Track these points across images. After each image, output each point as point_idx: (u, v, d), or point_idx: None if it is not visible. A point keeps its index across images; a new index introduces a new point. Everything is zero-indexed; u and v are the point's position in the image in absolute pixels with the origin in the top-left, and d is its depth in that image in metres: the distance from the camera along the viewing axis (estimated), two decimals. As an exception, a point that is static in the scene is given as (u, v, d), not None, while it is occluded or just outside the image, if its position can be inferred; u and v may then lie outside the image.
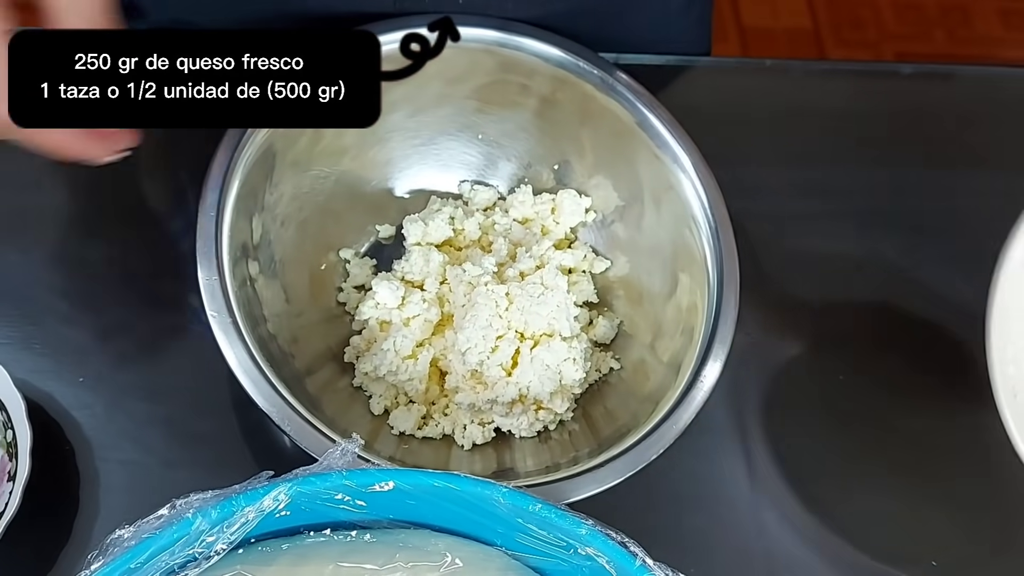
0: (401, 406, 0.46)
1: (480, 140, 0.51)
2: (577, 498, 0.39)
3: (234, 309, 0.39)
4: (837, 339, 0.53)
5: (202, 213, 0.41)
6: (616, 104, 0.48)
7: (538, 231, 0.51)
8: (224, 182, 0.42)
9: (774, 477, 0.49)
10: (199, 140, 0.43)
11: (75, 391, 0.46)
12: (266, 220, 0.45)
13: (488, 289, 0.45)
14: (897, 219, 0.57)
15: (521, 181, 0.52)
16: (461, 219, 0.50)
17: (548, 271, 0.47)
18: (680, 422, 0.41)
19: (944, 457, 0.51)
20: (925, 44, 1.46)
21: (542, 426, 0.46)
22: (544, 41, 0.47)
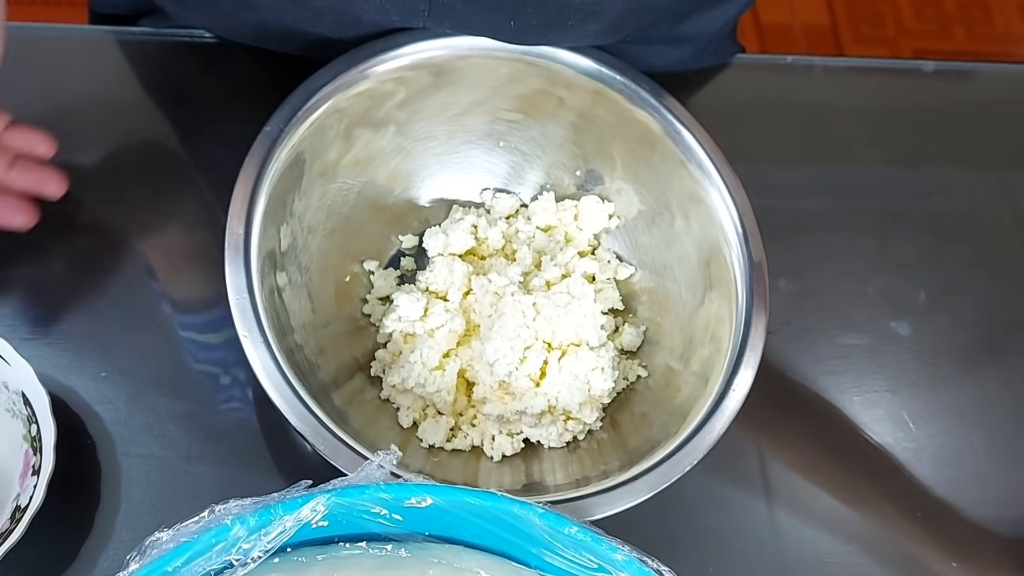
0: (429, 418, 0.47)
1: (501, 148, 0.52)
2: (610, 513, 0.39)
3: (265, 328, 0.40)
4: (855, 337, 0.54)
5: (230, 227, 0.41)
6: (645, 114, 0.48)
7: (561, 238, 0.51)
8: (253, 191, 0.42)
9: (788, 481, 0.50)
10: (230, 141, 0.44)
11: (97, 386, 0.47)
12: (295, 229, 0.45)
13: (515, 299, 0.46)
14: (918, 217, 0.58)
15: (543, 188, 0.52)
16: (484, 228, 0.51)
17: (574, 280, 0.48)
18: (712, 433, 0.41)
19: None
20: (944, 41, 1.46)
21: (571, 436, 0.47)
22: (581, 54, 0.48)
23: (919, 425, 0.53)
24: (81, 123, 0.53)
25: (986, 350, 0.56)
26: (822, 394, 0.52)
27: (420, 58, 0.46)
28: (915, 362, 0.55)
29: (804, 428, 0.52)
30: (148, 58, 0.54)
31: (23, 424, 0.43)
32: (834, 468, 0.51)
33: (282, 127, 0.43)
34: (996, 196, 0.60)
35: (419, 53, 0.46)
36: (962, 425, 0.53)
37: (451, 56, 0.47)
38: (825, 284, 0.55)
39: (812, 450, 0.52)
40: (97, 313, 0.48)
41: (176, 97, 0.54)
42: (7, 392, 0.43)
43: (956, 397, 0.54)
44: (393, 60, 0.46)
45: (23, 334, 0.47)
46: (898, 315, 0.55)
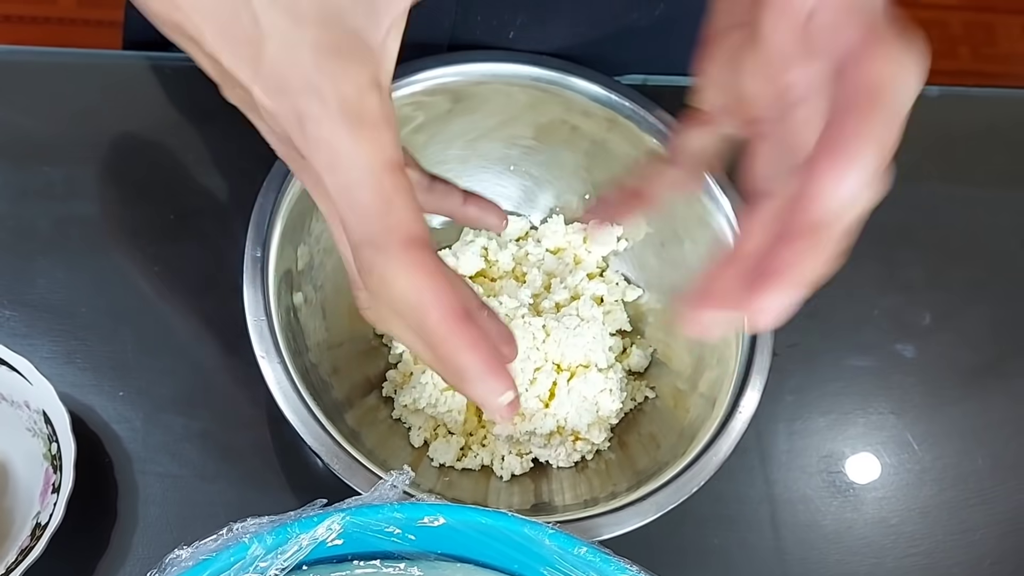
0: (440, 438, 0.48)
1: (512, 172, 0.53)
2: (618, 533, 0.40)
3: (281, 348, 0.41)
4: (860, 359, 0.55)
5: (248, 250, 0.42)
6: (655, 141, 0.49)
7: (570, 260, 0.52)
8: (271, 214, 0.43)
9: (793, 501, 0.51)
10: (246, 162, 0.45)
11: (115, 405, 0.48)
12: (312, 249, 0.46)
13: (525, 322, 0.47)
14: (923, 240, 0.59)
15: (553, 211, 0.54)
16: (495, 251, 0.52)
17: (583, 303, 0.49)
18: (719, 454, 0.42)
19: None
20: (949, 61, 1.47)
21: (579, 456, 0.48)
22: (594, 81, 0.49)
23: (924, 446, 0.54)
24: (109, 146, 0.54)
25: (990, 372, 0.57)
26: (827, 415, 0.54)
27: (438, 83, 0.48)
28: (920, 384, 0.55)
29: (810, 448, 0.53)
30: (180, 82, 0.56)
31: (44, 442, 0.44)
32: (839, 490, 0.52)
33: None
34: (1000, 218, 0.61)
35: (438, 79, 0.48)
36: (966, 446, 0.54)
37: (469, 82, 0.48)
38: (830, 306, 0.56)
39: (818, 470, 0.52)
40: (115, 333, 0.50)
41: (205, 119, 0.55)
42: (28, 411, 0.44)
43: (960, 418, 0.55)
44: (412, 85, 0.47)
45: (43, 353, 0.48)
46: (903, 337, 0.56)
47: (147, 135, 0.55)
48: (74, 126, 0.54)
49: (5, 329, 0.49)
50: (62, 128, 0.54)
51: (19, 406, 0.44)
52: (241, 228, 0.44)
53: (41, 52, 0.57)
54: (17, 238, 0.51)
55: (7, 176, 0.53)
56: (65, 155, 0.53)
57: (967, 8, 1.51)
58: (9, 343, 0.44)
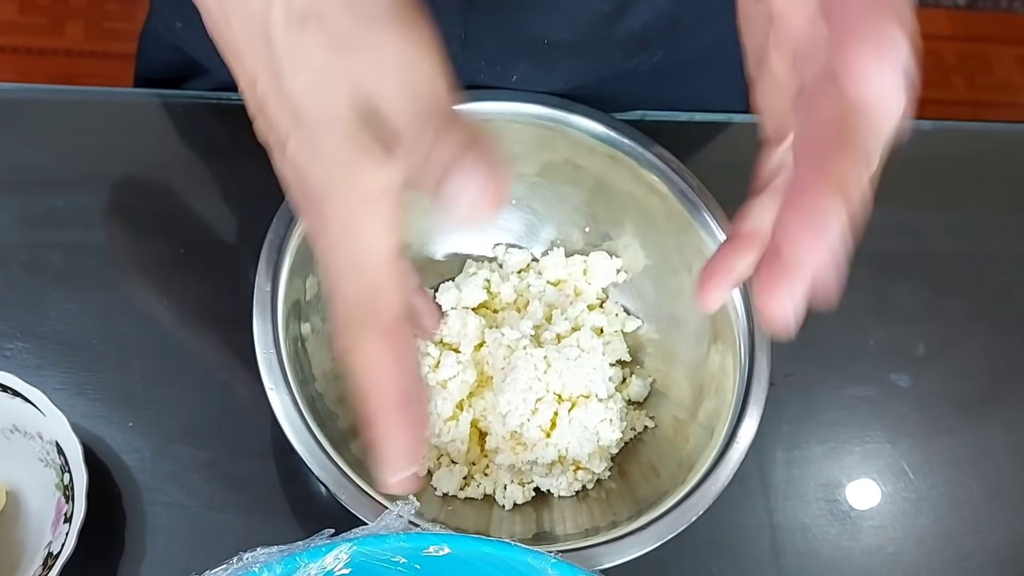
0: (443, 467, 0.49)
1: (514, 205, 0.54)
2: (619, 561, 0.41)
3: (289, 379, 0.42)
4: (856, 388, 0.56)
5: (258, 284, 0.43)
6: (653, 176, 0.50)
7: (571, 292, 0.54)
8: (280, 248, 0.44)
9: (793, 529, 0.51)
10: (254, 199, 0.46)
11: (125, 435, 0.49)
12: (321, 280, 0.47)
13: (527, 353, 0.48)
14: (917, 271, 0.60)
15: (554, 244, 0.55)
16: (497, 283, 0.53)
17: (584, 334, 0.50)
18: (718, 483, 0.43)
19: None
20: (944, 90, 1.49)
21: (580, 485, 0.49)
22: (595, 119, 0.50)
23: (920, 475, 0.54)
24: (121, 181, 0.55)
25: (985, 401, 0.58)
26: (824, 444, 0.54)
27: None
28: (915, 413, 0.56)
29: (808, 477, 0.53)
30: (190, 119, 0.57)
31: (56, 473, 0.44)
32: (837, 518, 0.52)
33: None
34: (993, 250, 0.62)
35: None
36: (962, 474, 0.54)
37: (476, 120, 0.49)
38: (826, 336, 0.57)
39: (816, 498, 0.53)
40: (126, 364, 0.51)
41: (215, 156, 0.56)
42: (41, 442, 0.45)
43: (956, 447, 0.55)
44: None
45: (55, 384, 0.49)
46: (898, 367, 0.57)
47: (158, 171, 0.56)
48: (87, 161, 0.56)
49: (17, 360, 0.50)
50: (75, 163, 0.56)
51: (32, 437, 0.45)
52: (248, 262, 0.45)
53: (56, 90, 0.59)
54: (30, 271, 0.52)
55: (21, 210, 0.54)
56: (77, 189, 0.55)
57: (961, 39, 1.53)
58: (21, 374, 0.45)
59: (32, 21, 1.35)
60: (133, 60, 0.66)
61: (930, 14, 1.53)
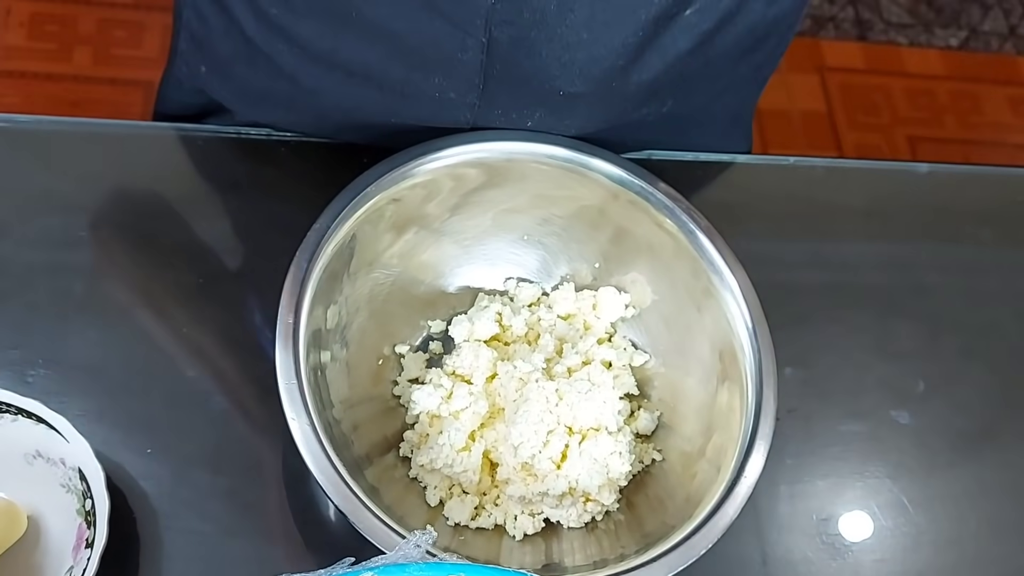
0: (455, 497, 0.49)
1: (525, 241, 0.56)
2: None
3: (310, 408, 0.43)
4: (857, 424, 0.57)
5: (281, 316, 0.44)
6: (662, 216, 0.52)
7: (580, 326, 0.55)
8: (303, 281, 0.45)
9: (796, 560, 0.52)
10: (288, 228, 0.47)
11: (144, 462, 0.50)
12: (340, 310, 0.48)
13: (539, 385, 0.49)
14: (915, 311, 0.61)
15: (564, 279, 0.56)
16: (508, 316, 0.54)
17: (594, 368, 0.51)
18: (726, 517, 0.44)
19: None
20: (936, 128, 1.52)
21: (590, 517, 0.49)
22: (612, 163, 0.52)
23: (919, 510, 0.55)
24: (141, 212, 0.57)
25: (982, 437, 0.59)
26: (826, 479, 0.55)
27: (473, 158, 0.51)
28: (914, 449, 0.57)
29: (810, 511, 0.54)
30: (209, 153, 0.59)
31: (78, 499, 0.45)
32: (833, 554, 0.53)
33: (329, 224, 0.47)
34: (989, 288, 0.64)
35: (472, 153, 0.51)
36: (960, 510, 0.56)
37: (501, 159, 0.51)
38: (827, 374, 0.58)
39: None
40: (145, 392, 0.51)
41: (232, 189, 0.58)
42: (64, 468, 0.45)
43: (954, 482, 0.56)
44: (447, 158, 0.51)
45: (75, 411, 0.49)
46: (897, 404, 0.58)
47: (177, 203, 0.57)
48: (108, 192, 0.57)
49: (39, 387, 0.50)
50: (97, 194, 0.57)
51: (55, 463, 0.46)
52: (267, 292, 0.46)
53: (79, 122, 0.60)
54: (52, 299, 0.53)
55: (44, 238, 0.55)
56: (99, 219, 0.56)
57: (953, 78, 1.56)
58: (42, 401, 0.46)
59: (40, 46, 1.36)
60: (141, 87, 0.67)
61: (923, 54, 1.56)
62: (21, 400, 0.45)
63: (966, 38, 1.60)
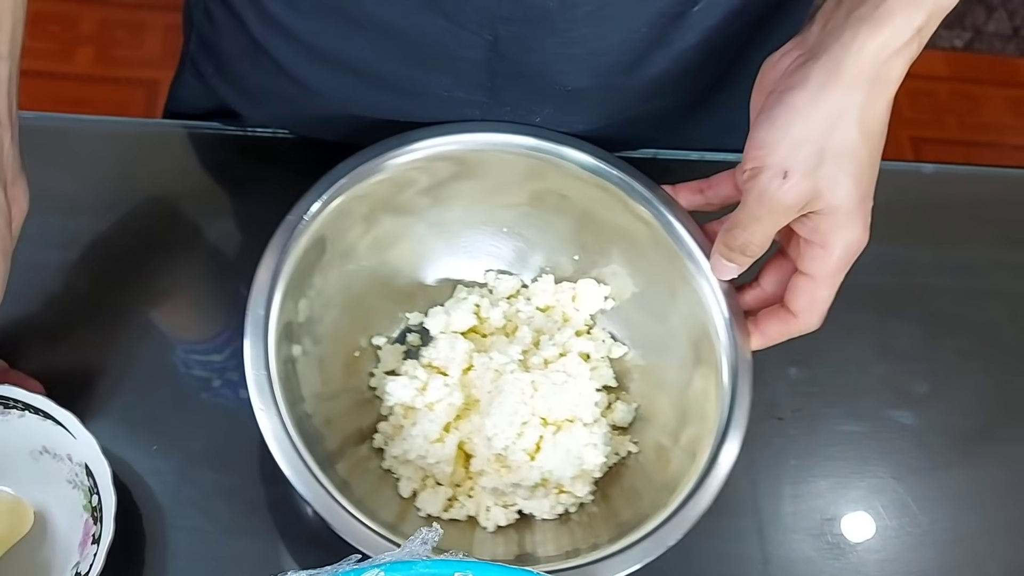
0: (428, 488, 0.49)
1: (505, 233, 0.55)
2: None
3: (278, 400, 0.42)
4: (860, 425, 0.57)
5: (251, 308, 0.44)
6: (640, 206, 0.51)
7: (559, 318, 0.54)
8: (274, 273, 0.45)
9: (799, 560, 0.52)
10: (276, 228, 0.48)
11: (149, 459, 0.49)
12: (312, 304, 0.48)
13: (514, 377, 0.48)
14: (916, 312, 0.61)
15: (543, 270, 0.56)
16: (487, 308, 0.53)
17: (570, 359, 0.50)
18: (699, 506, 0.43)
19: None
20: (938, 130, 1.52)
21: (563, 509, 0.49)
22: (584, 151, 0.52)
23: (922, 510, 0.54)
24: (147, 210, 0.57)
25: (983, 437, 0.58)
26: (829, 479, 0.55)
27: (443, 151, 0.51)
28: (916, 449, 0.56)
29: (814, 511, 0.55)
30: (216, 150, 0.59)
31: (84, 495, 0.45)
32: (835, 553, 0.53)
33: (303, 215, 0.47)
34: (990, 289, 0.64)
35: (442, 146, 0.51)
36: (962, 510, 0.55)
37: (469, 150, 0.51)
38: (830, 374, 0.57)
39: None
40: (151, 389, 0.51)
41: (240, 187, 0.58)
42: (70, 464, 0.45)
43: (956, 482, 0.56)
44: (418, 151, 0.50)
45: (80, 409, 0.50)
46: (899, 404, 0.58)
47: (182, 200, 0.57)
48: (110, 189, 0.57)
49: (45, 384, 0.50)
50: (99, 191, 0.57)
51: (61, 459, 0.46)
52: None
53: (80, 119, 0.60)
54: (56, 297, 0.53)
55: (46, 236, 0.54)
56: (102, 217, 0.56)
57: (954, 79, 1.57)
58: (49, 397, 0.46)
59: (42, 46, 1.37)
60: (142, 86, 0.67)
61: (927, 55, 1.56)
62: (28, 396, 0.44)
63: (970, 39, 1.60)
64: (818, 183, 0.42)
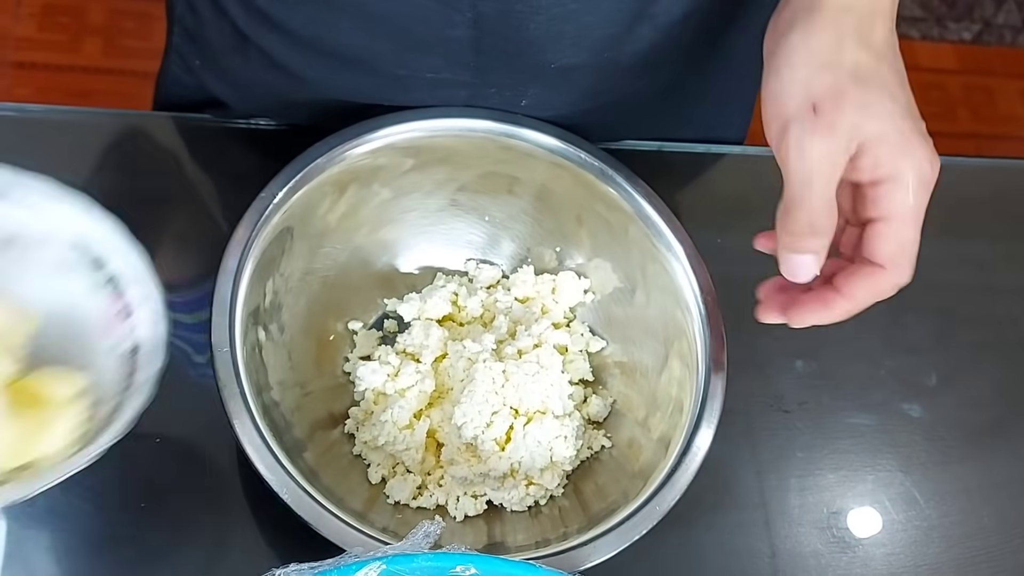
0: (398, 475, 0.48)
1: (487, 222, 0.54)
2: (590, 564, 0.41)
3: (243, 383, 0.42)
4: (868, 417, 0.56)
5: (218, 287, 0.44)
6: (613, 192, 0.51)
7: (538, 310, 0.53)
8: (243, 253, 0.45)
9: (806, 554, 0.51)
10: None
11: (151, 449, 0.48)
12: (279, 288, 0.48)
13: (486, 366, 0.47)
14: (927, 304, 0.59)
15: (524, 261, 0.55)
16: (464, 297, 0.53)
17: (544, 350, 0.49)
18: (668, 498, 0.42)
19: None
20: (949, 122, 1.50)
21: (533, 500, 0.48)
22: (546, 132, 0.51)
23: (931, 504, 0.53)
24: (142, 200, 0.56)
25: (995, 431, 0.57)
26: (837, 472, 0.55)
27: (402, 138, 0.50)
28: (926, 442, 0.55)
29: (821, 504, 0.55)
30: (209, 143, 0.59)
31: (88, 272, 0.36)
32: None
33: (275, 194, 0.47)
34: (1003, 282, 0.63)
35: (402, 133, 0.50)
36: (972, 504, 0.54)
37: (423, 136, 0.51)
38: (839, 366, 0.56)
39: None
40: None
41: (237, 178, 0.57)
42: (56, 245, 0.36)
43: (966, 476, 0.55)
44: (379, 139, 0.50)
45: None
46: (909, 396, 0.57)
47: (183, 192, 0.57)
48: (108, 180, 0.57)
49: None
50: (97, 182, 0.56)
51: (36, 244, 0.36)
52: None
53: (77, 111, 0.60)
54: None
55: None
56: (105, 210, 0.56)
57: (967, 72, 1.55)
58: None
59: (51, 38, 1.37)
60: (150, 78, 0.67)
61: (936, 48, 1.55)
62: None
63: (979, 31, 1.59)
64: (853, 111, 0.37)
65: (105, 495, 0.47)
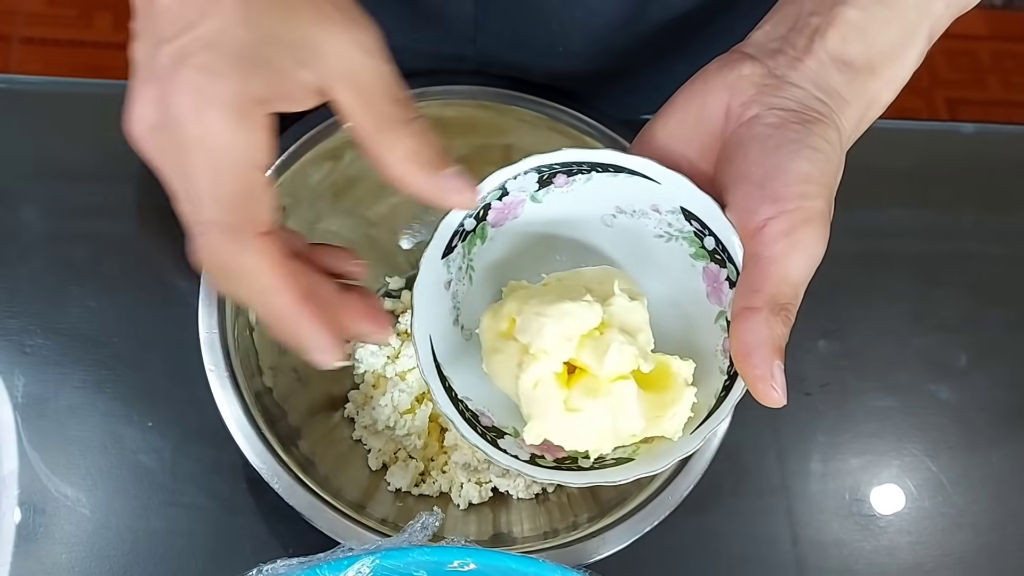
0: (399, 461, 0.46)
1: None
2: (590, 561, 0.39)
3: (235, 367, 0.40)
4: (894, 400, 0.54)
5: (205, 277, 0.41)
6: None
7: None
8: None
9: (827, 542, 0.49)
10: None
11: (144, 435, 0.47)
12: None
13: None
14: (957, 280, 0.58)
15: None
16: None
17: None
18: (683, 485, 0.40)
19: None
20: (978, 91, 1.46)
21: (540, 488, 0.45)
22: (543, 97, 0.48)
23: (959, 490, 0.51)
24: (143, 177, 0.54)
25: None
26: (861, 456, 0.52)
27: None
28: (954, 425, 0.52)
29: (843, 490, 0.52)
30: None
31: (688, 243, 0.35)
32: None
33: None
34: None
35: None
36: (1002, 490, 0.51)
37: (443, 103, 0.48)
38: (863, 346, 0.53)
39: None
40: (146, 363, 0.48)
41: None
42: (658, 216, 0.35)
43: (997, 462, 0.52)
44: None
45: (74, 383, 0.47)
46: (937, 378, 0.53)
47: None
48: (111, 156, 0.54)
49: (37, 357, 0.48)
50: (99, 158, 0.54)
51: (643, 213, 0.35)
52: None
53: (80, 83, 0.58)
54: (52, 267, 0.51)
55: (43, 204, 0.52)
56: (101, 185, 0.53)
57: (996, 38, 1.50)
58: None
59: (61, 12, 1.35)
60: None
61: (965, 14, 1.50)
62: (592, 154, 0.34)
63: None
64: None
65: (97, 484, 0.46)
